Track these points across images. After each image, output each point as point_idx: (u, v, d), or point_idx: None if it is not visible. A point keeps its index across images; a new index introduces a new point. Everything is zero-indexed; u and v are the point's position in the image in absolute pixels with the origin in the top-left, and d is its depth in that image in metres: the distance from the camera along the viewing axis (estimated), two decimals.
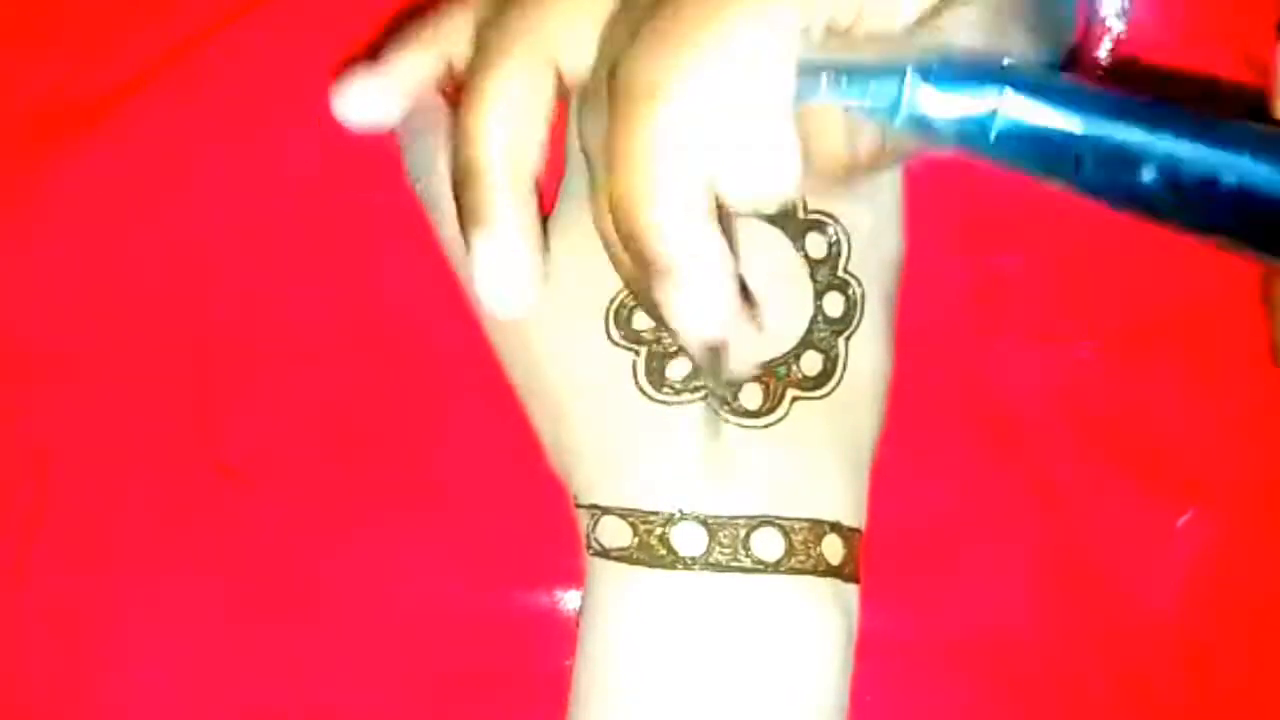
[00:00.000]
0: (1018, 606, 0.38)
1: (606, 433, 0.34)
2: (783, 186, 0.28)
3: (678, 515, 0.33)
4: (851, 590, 0.34)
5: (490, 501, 0.38)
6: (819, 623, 0.33)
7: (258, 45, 0.41)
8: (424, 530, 0.38)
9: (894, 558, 0.36)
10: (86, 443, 0.39)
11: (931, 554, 0.38)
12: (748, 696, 0.32)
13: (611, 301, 0.34)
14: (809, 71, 0.28)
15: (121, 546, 0.38)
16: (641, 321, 0.34)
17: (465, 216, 0.32)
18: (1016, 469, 0.39)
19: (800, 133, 0.28)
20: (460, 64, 0.33)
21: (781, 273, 0.34)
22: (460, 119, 0.31)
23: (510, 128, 0.31)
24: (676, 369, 0.34)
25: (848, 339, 0.34)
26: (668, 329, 0.32)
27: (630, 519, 0.33)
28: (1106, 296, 0.40)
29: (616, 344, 0.34)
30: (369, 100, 0.34)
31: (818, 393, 0.34)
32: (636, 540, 0.33)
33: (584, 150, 0.31)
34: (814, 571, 0.33)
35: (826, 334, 0.34)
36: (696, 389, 0.33)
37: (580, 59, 0.31)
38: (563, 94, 0.32)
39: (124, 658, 0.38)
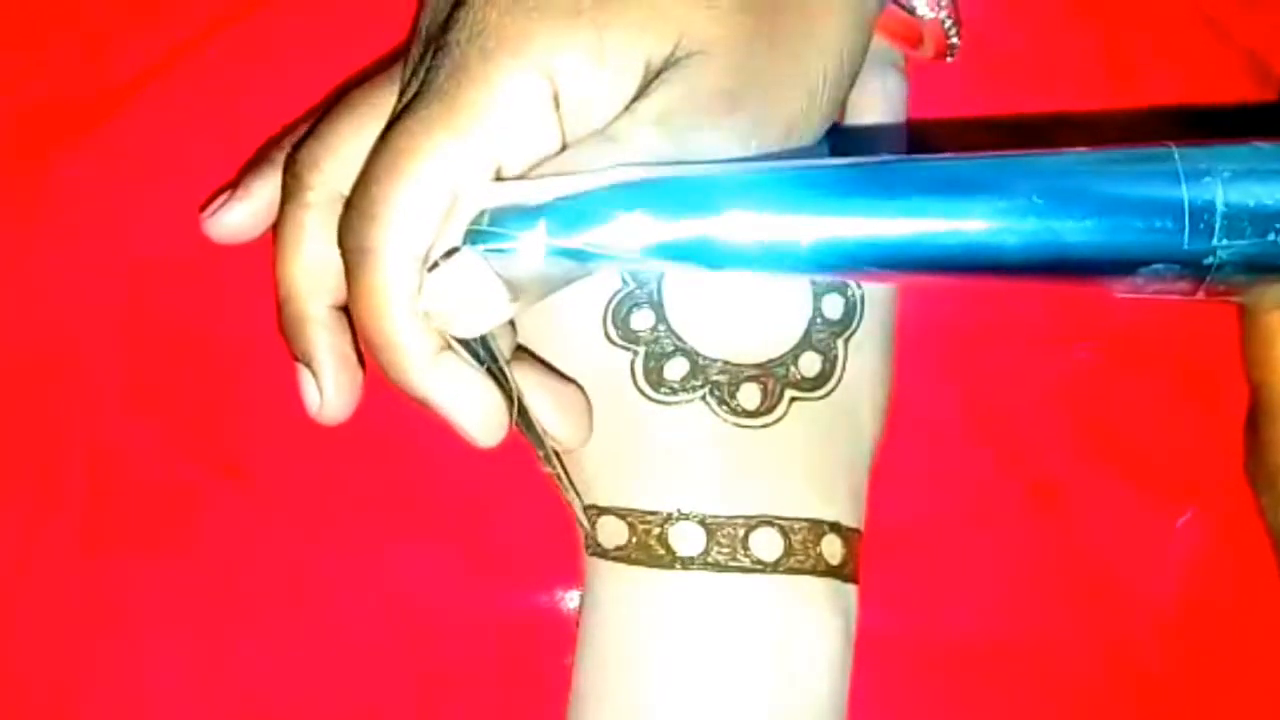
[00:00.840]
0: (1017, 607, 0.38)
1: (605, 432, 0.34)
2: (484, 321, 0.29)
3: (676, 515, 0.33)
4: (851, 591, 0.34)
5: (490, 501, 0.38)
6: (818, 623, 0.33)
7: (257, 46, 0.41)
8: (424, 530, 0.38)
9: (894, 558, 0.36)
10: (88, 442, 0.39)
11: (931, 555, 0.38)
12: (746, 696, 0.32)
13: (609, 302, 0.34)
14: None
15: (124, 547, 0.38)
16: (639, 321, 0.34)
17: (287, 344, 0.34)
18: (1016, 469, 0.39)
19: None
20: None
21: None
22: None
23: (304, 267, 0.33)
24: (674, 369, 0.34)
25: (846, 340, 0.34)
26: None
27: (628, 519, 0.33)
28: (1104, 298, 0.40)
29: (614, 344, 0.34)
30: (234, 223, 0.36)
31: (816, 394, 0.34)
32: (634, 540, 0.33)
33: None
34: (813, 572, 0.33)
35: (825, 335, 0.34)
36: (695, 388, 0.33)
37: None
38: None
39: (127, 658, 0.38)
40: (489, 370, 0.31)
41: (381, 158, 0.29)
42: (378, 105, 0.32)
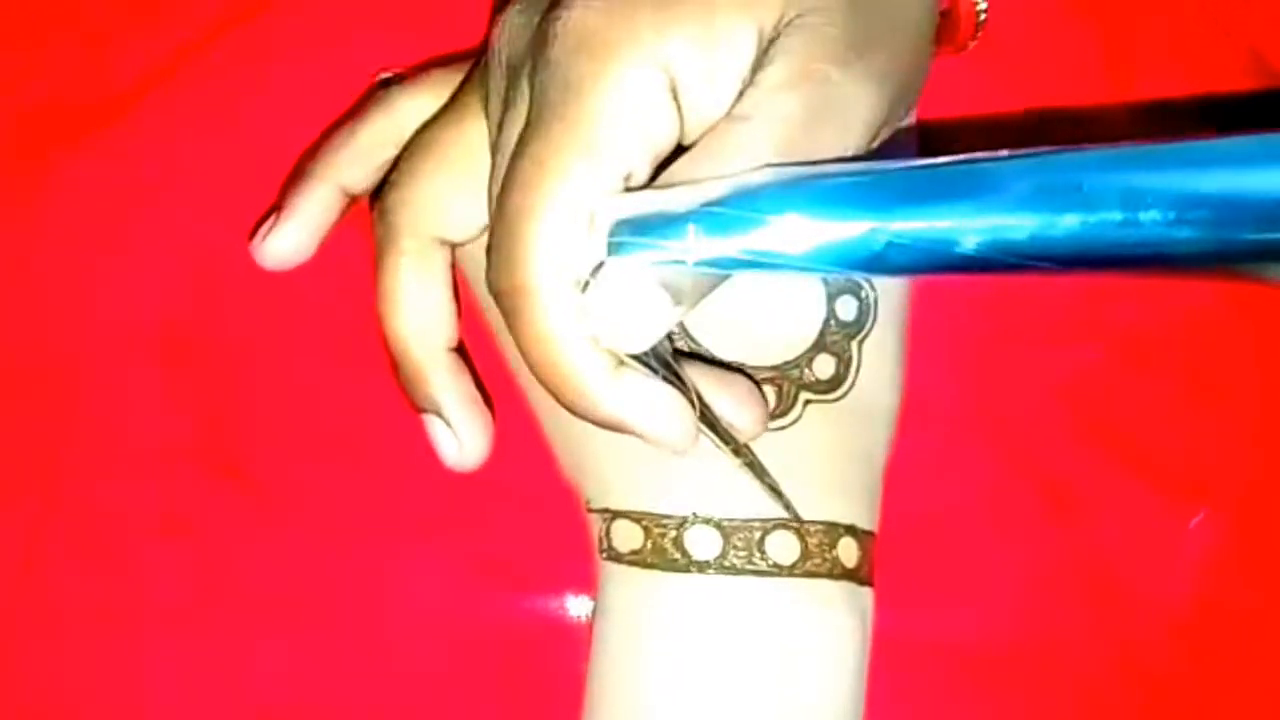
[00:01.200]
0: (1029, 608, 0.38)
1: (619, 436, 0.34)
2: (652, 330, 0.28)
3: (691, 518, 0.33)
4: (866, 593, 0.34)
5: (502, 507, 0.38)
6: (835, 625, 0.33)
7: (261, 50, 0.40)
8: (435, 535, 0.38)
9: (905, 559, 0.36)
10: (90, 445, 0.38)
11: (942, 555, 0.38)
12: (763, 700, 0.32)
13: None
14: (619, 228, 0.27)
15: (127, 549, 0.38)
16: None
17: (408, 396, 0.34)
18: (1026, 470, 0.39)
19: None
20: (357, 189, 0.36)
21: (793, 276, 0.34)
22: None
23: (412, 316, 0.33)
24: None
25: (860, 342, 0.34)
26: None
27: (643, 522, 0.33)
28: (1115, 298, 0.40)
29: None
30: (284, 246, 0.36)
31: (831, 396, 0.34)
32: (649, 544, 0.33)
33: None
34: (829, 575, 0.33)
35: (839, 337, 0.34)
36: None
37: (464, 220, 0.33)
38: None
39: (127, 658, 0.37)
40: (664, 378, 0.29)
41: (514, 192, 0.28)
42: (460, 142, 0.32)
